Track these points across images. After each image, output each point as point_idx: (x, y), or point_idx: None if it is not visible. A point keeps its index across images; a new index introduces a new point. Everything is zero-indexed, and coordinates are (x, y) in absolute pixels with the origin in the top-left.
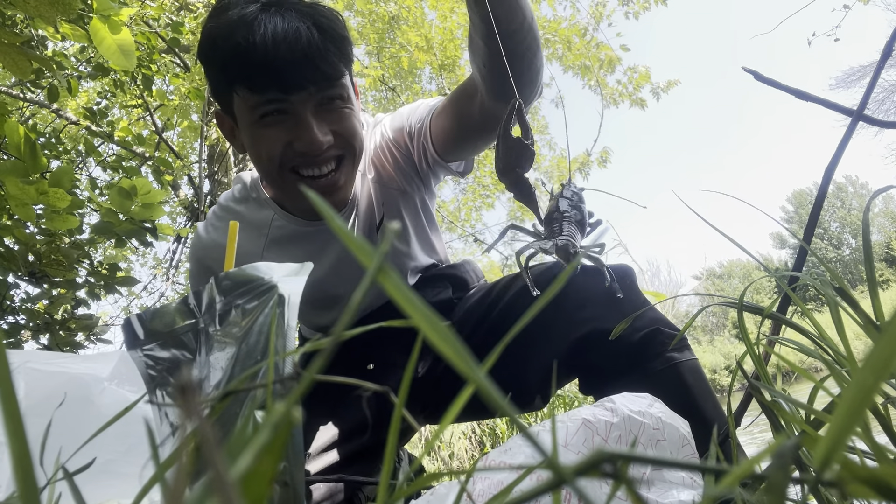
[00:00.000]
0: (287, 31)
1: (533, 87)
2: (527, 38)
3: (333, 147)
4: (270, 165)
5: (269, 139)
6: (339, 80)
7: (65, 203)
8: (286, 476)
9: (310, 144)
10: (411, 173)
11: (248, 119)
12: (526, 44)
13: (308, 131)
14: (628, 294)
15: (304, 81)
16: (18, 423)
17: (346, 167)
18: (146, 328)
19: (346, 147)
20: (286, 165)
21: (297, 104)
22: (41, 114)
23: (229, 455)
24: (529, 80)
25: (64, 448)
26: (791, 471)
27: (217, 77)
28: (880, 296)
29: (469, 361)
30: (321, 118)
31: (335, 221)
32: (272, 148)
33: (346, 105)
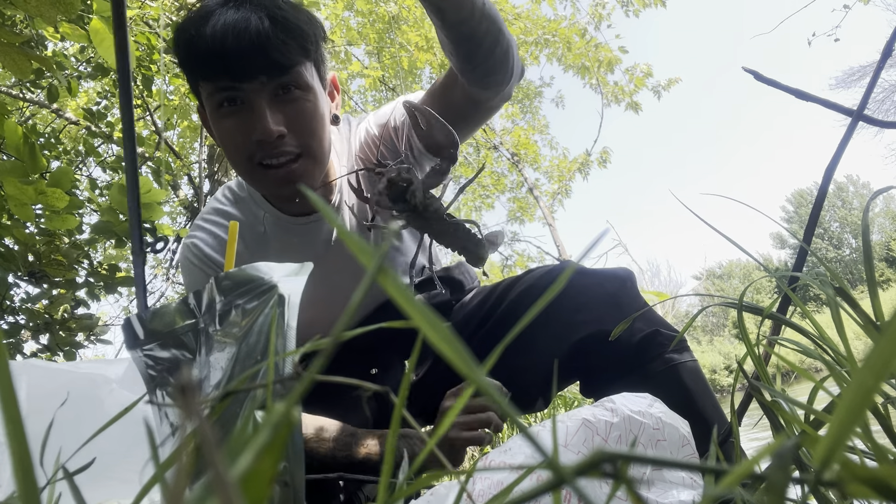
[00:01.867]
0: (237, 20)
1: (502, 70)
2: (481, 25)
3: (290, 140)
4: (239, 158)
5: (230, 130)
6: (292, 68)
7: (63, 203)
8: (286, 476)
9: (263, 133)
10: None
11: (210, 109)
12: (482, 30)
13: (261, 120)
14: (628, 297)
15: (253, 69)
16: (19, 423)
17: (304, 162)
18: (146, 328)
19: (303, 146)
20: (253, 159)
21: (250, 93)
22: (41, 114)
23: (229, 455)
24: (495, 63)
25: (68, 448)
26: (791, 471)
27: (183, 69)
28: (880, 296)
29: (469, 362)
30: (276, 107)
31: (335, 222)
32: (236, 140)
33: (306, 94)
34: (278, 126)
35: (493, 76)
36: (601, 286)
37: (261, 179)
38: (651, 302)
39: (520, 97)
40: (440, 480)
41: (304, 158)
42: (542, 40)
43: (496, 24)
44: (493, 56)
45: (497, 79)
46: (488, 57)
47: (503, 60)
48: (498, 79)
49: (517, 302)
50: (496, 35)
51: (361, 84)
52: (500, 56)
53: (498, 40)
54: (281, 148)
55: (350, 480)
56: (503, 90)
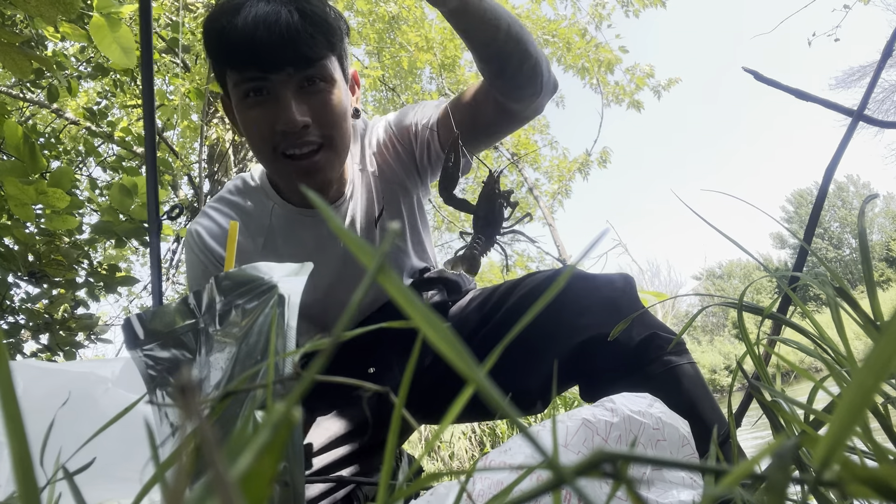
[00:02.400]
0: (268, 13)
1: (531, 84)
2: (507, 46)
3: (313, 131)
4: (264, 148)
5: (255, 120)
6: (318, 61)
7: (64, 203)
8: (286, 476)
9: (287, 123)
10: (411, 167)
11: (235, 99)
12: (508, 50)
13: (286, 111)
14: (627, 302)
15: (281, 61)
16: (19, 423)
17: (327, 153)
18: (146, 328)
19: (326, 137)
20: (278, 149)
21: (277, 84)
22: (41, 114)
23: (229, 455)
24: (523, 79)
25: (67, 448)
26: (791, 471)
27: (211, 59)
28: (880, 296)
29: (470, 362)
30: (301, 99)
31: (334, 221)
32: (261, 129)
33: (330, 87)
34: (303, 116)
35: (522, 90)
36: (600, 291)
37: (283, 169)
38: (650, 302)
39: None
40: (440, 480)
41: (326, 150)
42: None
43: (522, 45)
44: (521, 73)
45: (527, 92)
46: (516, 74)
47: (531, 76)
48: (528, 92)
49: (518, 305)
50: (522, 54)
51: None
52: (528, 72)
53: (524, 59)
54: (304, 138)
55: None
56: (534, 103)
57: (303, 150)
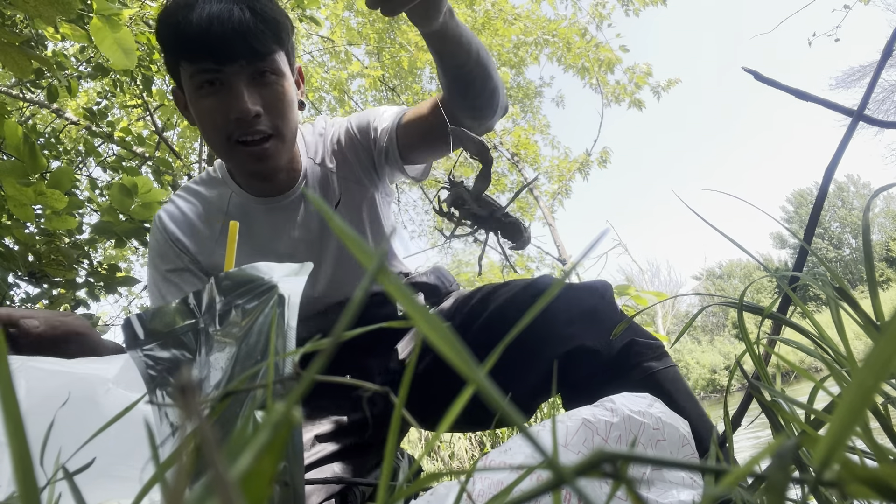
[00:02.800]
0: (221, 10)
1: (488, 106)
2: (475, 69)
3: (264, 121)
4: (217, 137)
5: (209, 110)
6: (269, 55)
7: (62, 204)
8: (286, 476)
9: (240, 111)
10: (369, 167)
11: (189, 91)
12: (475, 73)
13: (239, 99)
14: (607, 310)
15: (234, 54)
16: (19, 423)
17: (275, 142)
18: (146, 328)
19: (275, 127)
20: (231, 137)
21: (230, 75)
22: (41, 114)
23: (229, 455)
24: (483, 101)
25: (67, 448)
26: (791, 471)
27: (165, 53)
28: (880, 296)
29: (470, 362)
30: (253, 89)
31: (334, 221)
32: (214, 119)
33: (279, 80)
34: (255, 105)
35: (481, 110)
36: (583, 301)
37: (236, 156)
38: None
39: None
40: (440, 480)
41: (275, 139)
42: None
43: (487, 70)
44: (482, 95)
45: (484, 112)
46: (478, 95)
47: (490, 98)
48: (485, 112)
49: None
50: (486, 78)
51: (361, 84)
52: (489, 95)
53: (487, 82)
54: (256, 126)
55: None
56: (486, 123)
57: (254, 136)
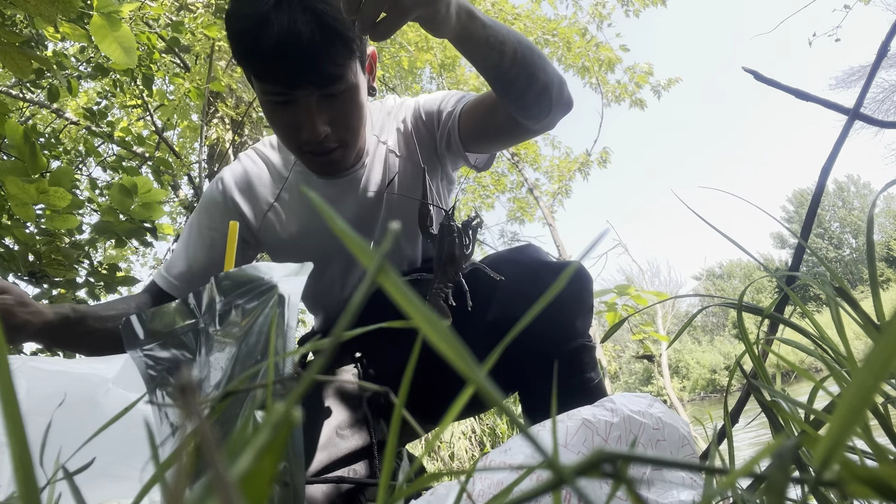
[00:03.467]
0: (289, 33)
1: (537, 106)
2: (511, 71)
3: (332, 137)
4: (287, 144)
5: (280, 122)
6: (340, 78)
7: (65, 202)
8: (286, 476)
9: (310, 133)
10: (432, 152)
11: (260, 96)
12: (512, 75)
13: (309, 123)
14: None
15: (304, 81)
16: (19, 424)
17: (343, 151)
18: (146, 328)
19: (342, 140)
20: (301, 148)
21: (300, 97)
22: (41, 114)
23: (229, 455)
24: (529, 101)
25: (68, 448)
26: (791, 471)
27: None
28: (880, 296)
29: (469, 362)
30: (323, 108)
31: (336, 224)
32: (286, 131)
33: (350, 94)
34: (324, 126)
35: (528, 110)
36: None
37: (306, 160)
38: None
39: None
40: (440, 480)
41: (342, 149)
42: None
43: (529, 69)
44: (525, 96)
45: (532, 112)
46: (521, 96)
47: (537, 100)
48: (534, 112)
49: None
50: (528, 79)
51: None
52: (534, 96)
53: (530, 84)
54: (324, 144)
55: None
56: (542, 121)
57: (323, 150)
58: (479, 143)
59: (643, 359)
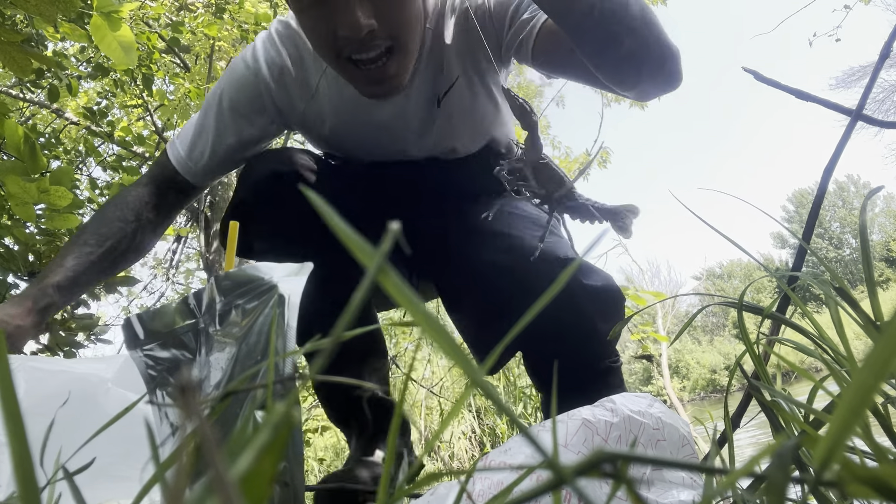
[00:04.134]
0: None
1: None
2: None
3: (380, 33)
4: (326, 53)
5: (312, 24)
6: None
7: (66, 201)
8: (286, 476)
9: (350, 28)
10: (495, 50)
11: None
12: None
13: (347, 13)
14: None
15: None
16: (19, 424)
17: (398, 57)
18: (146, 328)
19: (395, 38)
20: (342, 54)
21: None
22: (41, 114)
23: (229, 455)
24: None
25: (68, 448)
26: (791, 471)
27: None
28: (880, 296)
29: (470, 363)
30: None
31: (332, 219)
32: (320, 37)
33: None
34: (368, 19)
35: (606, 72)
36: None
37: (352, 76)
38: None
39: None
40: (440, 480)
41: (397, 53)
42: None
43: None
44: (602, 56)
45: (611, 75)
46: (596, 55)
47: (617, 67)
48: (613, 76)
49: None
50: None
51: None
52: (613, 62)
53: (609, 45)
54: (371, 42)
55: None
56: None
57: (370, 54)
58: (554, 70)
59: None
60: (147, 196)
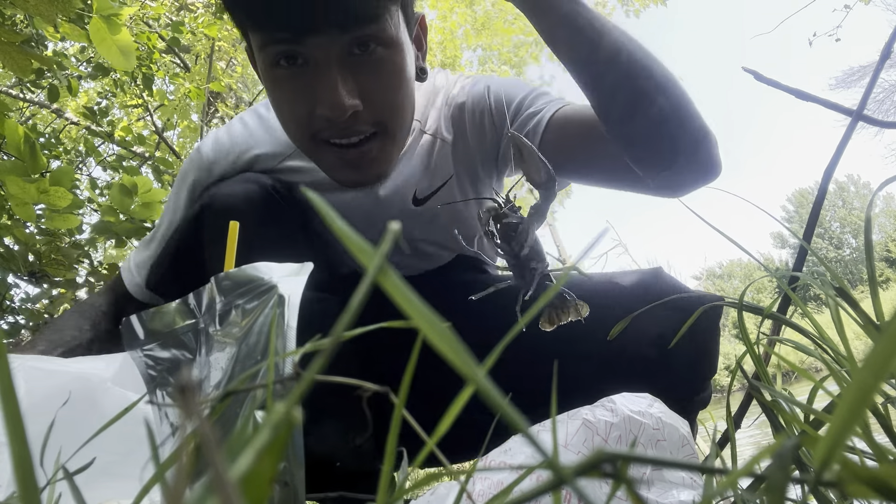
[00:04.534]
0: None
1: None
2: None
3: (365, 116)
4: (298, 133)
5: (288, 97)
6: (376, 18)
7: (66, 202)
8: (286, 476)
9: (331, 108)
10: (492, 154)
11: (262, 62)
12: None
13: (330, 91)
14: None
15: (322, 22)
16: (19, 424)
17: (381, 142)
18: (146, 328)
19: (381, 124)
20: (318, 135)
21: (314, 50)
22: (41, 114)
23: (229, 455)
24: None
25: (67, 448)
26: (791, 471)
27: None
28: (880, 296)
29: (471, 364)
30: (349, 72)
31: (335, 223)
32: (296, 112)
33: (389, 53)
34: (352, 99)
35: (638, 147)
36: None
37: (325, 158)
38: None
39: None
40: (440, 480)
41: (382, 137)
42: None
43: (638, 80)
44: (632, 120)
45: (643, 152)
46: (626, 119)
47: (651, 133)
48: (645, 152)
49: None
50: (637, 94)
51: None
52: (646, 125)
53: (641, 103)
54: (353, 126)
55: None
56: (661, 174)
57: (350, 139)
58: (566, 169)
59: None
60: (105, 306)
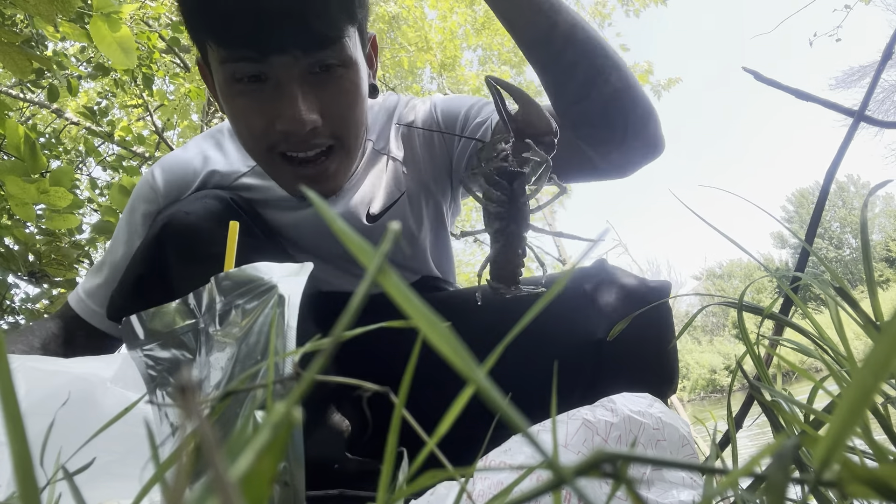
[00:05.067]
0: None
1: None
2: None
3: (322, 130)
4: (256, 146)
5: (246, 113)
6: (335, 42)
7: (66, 202)
8: (286, 476)
9: (292, 123)
10: (443, 170)
11: (219, 77)
12: (569, 58)
13: (291, 107)
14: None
15: (285, 43)
16: (19, 424)
17: (338, 156)
18: (146, 328)
19: (338, 138)
20: (275, 149)
21: (277, 69)
22: (41, 114)
23: (229, 455)
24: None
25: (67, 448)
26: (791, 471)
27: (186, 25)
28: (880, 296)
29: (471, 363)
30: (309, 89)
31: (335, 223)
32: (253, 126)
33: (347, 72)
34: (312, 114)
35: (592, 125)
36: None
37: (281, 172)
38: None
39: None
40: (440, 480)
41: (338, 152)
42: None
43: (594, 59)
44: (587, 98)
45: (598, 130)
46: (582, 96)
47: (606, 108)
48: (600, 131)
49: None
50: (593, 72)
51: None
52: (601, 101)
53: (596, 81)
54: (311, 140)
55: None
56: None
57: (308, 153)
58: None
59: None
60: (55, 329)
